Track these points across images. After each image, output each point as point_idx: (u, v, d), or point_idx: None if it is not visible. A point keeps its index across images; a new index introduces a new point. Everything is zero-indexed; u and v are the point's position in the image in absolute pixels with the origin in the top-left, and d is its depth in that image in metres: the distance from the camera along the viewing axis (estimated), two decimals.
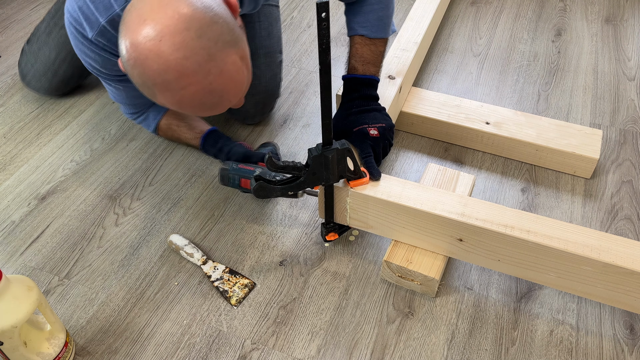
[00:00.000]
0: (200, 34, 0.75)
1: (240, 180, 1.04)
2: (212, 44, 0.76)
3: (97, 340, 0.93)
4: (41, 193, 1.18)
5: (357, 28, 1.08)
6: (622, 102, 1.37)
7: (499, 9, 1.72)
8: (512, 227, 0.88)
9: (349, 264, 1.03)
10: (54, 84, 1.38)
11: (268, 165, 0.86)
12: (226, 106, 0.86)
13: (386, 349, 0.91)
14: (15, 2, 1.81)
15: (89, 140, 1.30)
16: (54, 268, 1.04)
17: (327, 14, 0.73)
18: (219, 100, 0.82)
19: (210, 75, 0.78)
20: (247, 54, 0.84)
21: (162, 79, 0.77)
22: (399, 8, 1.73)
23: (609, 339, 0.92)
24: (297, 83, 1.45)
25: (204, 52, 0.76)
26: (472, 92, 1.41)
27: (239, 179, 1.04)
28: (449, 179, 1.06)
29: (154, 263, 1.04)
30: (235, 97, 0.85)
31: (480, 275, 1.01)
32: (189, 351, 0.91)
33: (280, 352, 0.90)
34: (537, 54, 1.53)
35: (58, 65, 1.35)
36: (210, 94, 0.80)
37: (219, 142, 1.16)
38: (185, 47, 0.74)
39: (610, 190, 1.16)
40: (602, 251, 0.84)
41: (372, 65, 1.08)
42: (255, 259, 1.04)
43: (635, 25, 1.64)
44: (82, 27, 0.97)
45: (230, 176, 1.05)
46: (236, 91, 0.84)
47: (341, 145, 0.88)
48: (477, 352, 0.90)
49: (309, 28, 1.66)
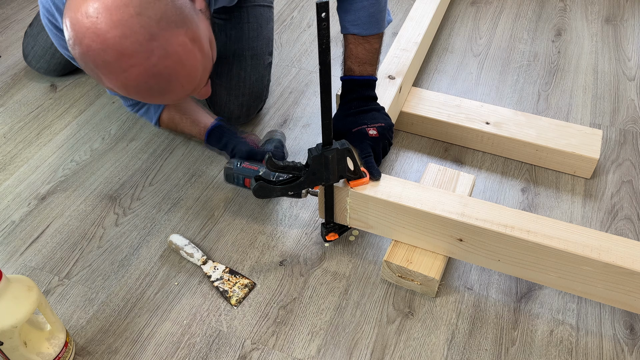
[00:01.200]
0: (139, 11, 0.71)
1: (244, 180, 1.05)
2: (154, 22, 0.72)
3: (97, 340, 0.93)
4: (41, 193, 1.18)
5: (348, 27, 1.06)
6: (622, 102, 1.37)
7: (499, 9, 1.72)
8: (512, 227, 0.88)
9: (349, 264, 1.03)
10: (52, 66, 1.44)
11: (268, 165, 0.86)
12: (180, 93, 0.81)
13: (386, 349, 0.91)
14: (15, 2, 1.81)
15: (89, 140, 1.30)
16: (54, 268, 1.04)
17: (327, 14, 0.73)
18: (167, 85, 0.77)
19: (153, 57, 0.73)
20: (200, 36, 0.79)
21: (102, 60, 0.73)
22: (399, 8, 1.73)
23: (609, 339, 0.92)
24: (297, 83, 1.45)
25: (144, 30, 0.71)
26: (472, 92, 1.41)
27: (243, 178, 1.04)
28: (449, 179, 1.06)
29: (154, 263, 1.04)
30: (189, 83, 0.80)
31: (480, 275, 1.01)
32: (189, 351, 0.91)
33: (280, 352, 0.90)
34: (537, 54, 1.53)
35: (55, 50, 1.39)
36: (155, 77, 0.75)
37: (224, 138, 1.12)
38: (123, 24, 0.70)
39: (610, 190, 1.16)
40: (602, 251, 0.84)
41: (368, 65, 1.07)
42: (255, 259, 1.04)
43: (635, 25, 1.64)
44: (55, 18, 0.95)
45: (234, 175, 1.05)
46: (188, 76, 0.79)
47: (341, 145, 0.88)
48: (477, 352, 0.90)
49: (309, 28, 1.66)
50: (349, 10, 1.05)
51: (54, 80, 1.48)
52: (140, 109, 1.18)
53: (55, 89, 1.45)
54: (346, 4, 1.05)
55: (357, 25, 1.05)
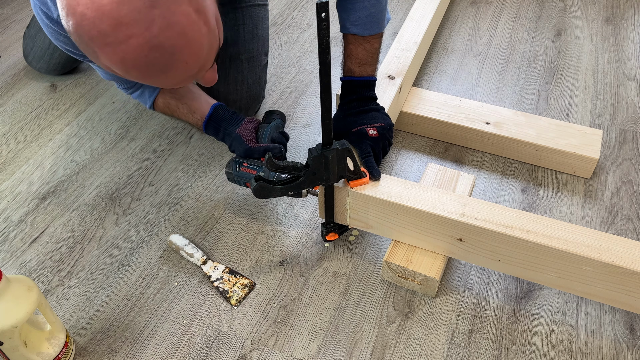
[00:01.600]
0: None
1: (245, 185, 1.05)
2: None
3: (97, 340, 0.93)
4: (41, 193, 1.18)
5: (349, 27, 1.05)
6: (622, 102, 1.37)
7: (499, 9, 1.72)
8: (512, 227, 0.88)
9: (349, 264, 1.03)
10: (51, 66, 1.44)
11: (268, 165, 0.86)
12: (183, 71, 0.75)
13: (386, 349, 0.91)
14: (15, 2, 1.81)
15: (89, 140, 1.30)
16: (54, 268, 1.04)
17: (327, 14, 0.72)
18: (170, 59, 0.71)
19: (154, 26, 0.67)
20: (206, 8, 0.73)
21: (97, 30, 0.67)
22: (398, 8, 1.73)
23: (609, 339, 0.92)
24: (297, 83, 1.45)
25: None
26: (472, 92, 1.41)
27: (244, 183, 1.05)
28: (449, 179, 1.06)
29: (154, 263, 1.04)
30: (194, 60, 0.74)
31: (480, 275, 1.01)
32: (189, 351, 0.91)
33: (280, 352, 0.90)
34: (537, 54, 1.53)
35: (53, 49, 1.39)
36: (156, 50, 0.69)
37: (220, 130, 1.08)
38: None
39: (610, 190, 1.16)
40: (602, 251, 0.84)
41: (368, 66, 1.07)
42: (255, 259, 1.04)
43: (635, 25, 1.64)
44: (47, 7, 0.92)
45: (235, 180, 1.05)
46: (192, 51, 0.72)
47: (341, 145, 0.88)
48: (477, 352, 0.90)
49: (309, 28, 1.66)
50: (350, 10, 1.03)
51: (54, 80, 1.48)
52: (135, 92, 1.13)
53: (55, 89, 1.45)
54: (347, 3, 1.04)
55: (358, 25, 1.04)
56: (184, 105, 1.12)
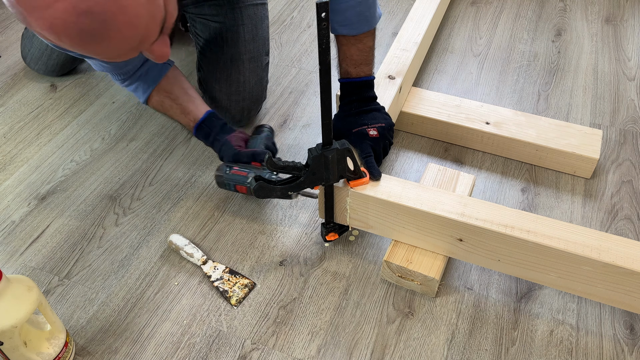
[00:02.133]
0: None
1: (235, 187, 1.05)
2: None
3: (97, 340, 0.93)
4: (41, 193, 1.18)
5: (337, 28, 1.02)
6: (622, 102, 1.37)
7: (499, 9, 1.72)
8: (512, 227, 0.88)
9: (349, 264, 1.03)
10: (49, 67, 1.44)
11: (268, 165, 0.86)
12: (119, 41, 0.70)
13: (386, 349, 0.91)
14: None
15: (89, 140, 1.30)
16: (54, 268, 1.04)
17: (327, 14, 0.73)
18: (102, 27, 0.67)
19: None
20: None
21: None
22: (399, 8, 1.73)
23: (609, 339, 0.92)
24: (297, 83, 1.45)
25: None
26: (472, 92, 1.41)
27: (234, 185, 1.04)
28: (449, 179, 1.06)
29: (154, 263, 1.04)
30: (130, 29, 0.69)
31: (480, 275, 1.01)
32: (189, 351, 0.91)
33: (280, 352, 0.91)
34: (537, 54, 1.53)
35: (51, 50, 1.39)
36: (85, 15, 0.65)
37: (211, 135, 1.10)
38: None
39: (610, 190, 1.16)
40: (602, 251, 0.84)
41: (364, 65, 1.06)
42: (255, 259, 1.04)
43: (635, 25, 1.64)
44: None
45: (225, 183, 1.05)
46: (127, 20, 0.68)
47: (341, 145, 0.88)
48: (477, 352, 0.90)
49: (309, 28, 1.66)
50: (336, 10, 1.00)
51: (53, 80, 1.48)
52: (130, 85, 1.11)
53: (55, 89, 1.45)
54: (332, 4, 0.98)
55: (346, 25, 1.02)
56: (178, 106, 1.13)
